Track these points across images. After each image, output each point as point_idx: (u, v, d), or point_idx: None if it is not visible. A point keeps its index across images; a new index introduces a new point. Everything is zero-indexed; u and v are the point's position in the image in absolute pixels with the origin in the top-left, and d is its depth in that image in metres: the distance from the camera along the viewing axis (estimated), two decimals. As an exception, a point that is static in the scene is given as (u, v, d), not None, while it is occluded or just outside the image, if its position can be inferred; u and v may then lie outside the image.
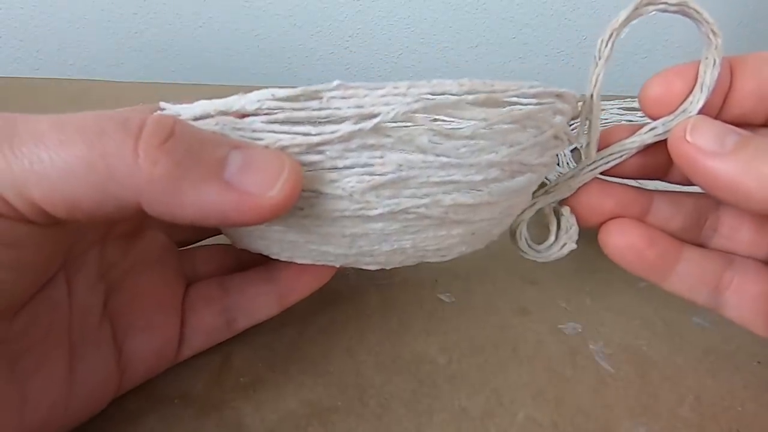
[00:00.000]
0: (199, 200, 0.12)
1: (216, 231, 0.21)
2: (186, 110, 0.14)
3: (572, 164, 0.37)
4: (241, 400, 0.18)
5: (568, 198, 0.19)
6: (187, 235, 0.21)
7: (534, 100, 0.15)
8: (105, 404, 0.16)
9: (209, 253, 0.21)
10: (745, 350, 0.21)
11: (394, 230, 0.15)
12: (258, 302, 0.19)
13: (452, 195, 0.14)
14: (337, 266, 0.17)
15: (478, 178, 0.14)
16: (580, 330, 0.22)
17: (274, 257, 0.17)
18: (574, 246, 0.19)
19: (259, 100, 0.13)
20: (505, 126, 0.14)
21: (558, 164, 0.37)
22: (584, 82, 0.18)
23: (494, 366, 0.20)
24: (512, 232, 0.20)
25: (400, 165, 0.13)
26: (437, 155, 0.14)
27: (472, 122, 0.14)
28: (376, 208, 0.14)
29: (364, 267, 0.17)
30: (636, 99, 0.18)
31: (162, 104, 0.15)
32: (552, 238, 0.19)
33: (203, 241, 0.22)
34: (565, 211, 0.19)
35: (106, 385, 0.16)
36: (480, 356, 0.20)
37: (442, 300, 0.23)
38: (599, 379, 0.19)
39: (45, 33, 0.55)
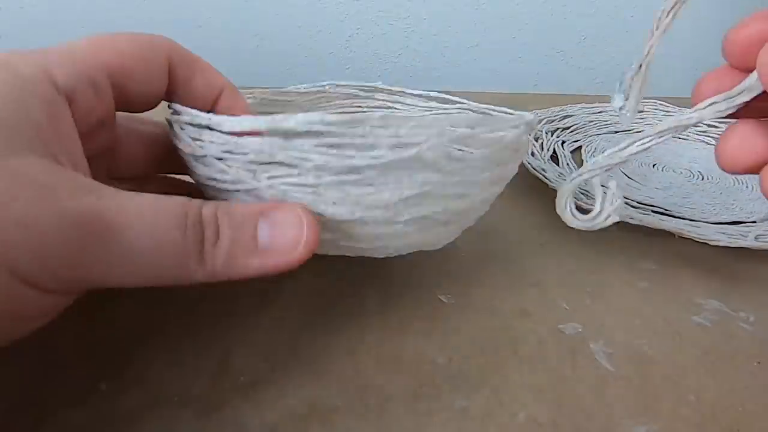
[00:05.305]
0: (244, 272, 0.14)
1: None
2: (229, 123, 0.15)
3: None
4: (240, 400, 0.18)
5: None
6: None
7: (517, 130, 0.19)
8: None
9: None
10: (745, 351, 0.21)
11: (411, 230, 0.18)
12: None
13: (456, 203, 0.18)
14: (353, 255, 0.20)
15: (475, 190, 0.19)
16: (580, 330, 0.22)
17: None
18: (617, 218, 0.21)
19: (309, 123, 0.15)
20: (499, 152, 0.18)
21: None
22: (584, 81, 0.18)
23: (494, 366, 0.20)
24: (559, 204, 0.22)
25: (424, 183, 0.17)
26: (451, 174, 0.17)
27: (480, 150, 0.17)
28: (403, 215, 0.17)
29: (373, 256, 0.20)
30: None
31: (194, 111, 0.16)
32: (597, 208, 0.21)
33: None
34: (612, 184, 0.21)
35: None
36: (480, 356, 0.20)
37: (442, 300, 0.23)
38: (600, 379, 0.19)
39: (43, 33, 0.55)
